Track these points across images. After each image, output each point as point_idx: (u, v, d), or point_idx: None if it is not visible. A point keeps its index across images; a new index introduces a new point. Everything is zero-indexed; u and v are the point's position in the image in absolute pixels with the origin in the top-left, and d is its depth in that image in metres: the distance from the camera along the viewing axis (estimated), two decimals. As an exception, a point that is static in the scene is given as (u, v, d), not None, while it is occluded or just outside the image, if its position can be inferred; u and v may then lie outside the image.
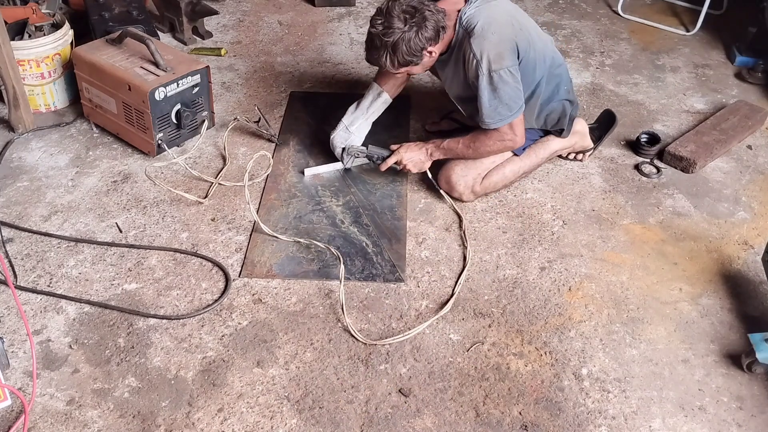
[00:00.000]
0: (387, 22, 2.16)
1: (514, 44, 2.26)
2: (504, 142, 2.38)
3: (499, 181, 2.51)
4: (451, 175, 2.46)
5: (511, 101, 2.28)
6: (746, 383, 1.94)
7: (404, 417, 1.82)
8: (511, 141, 2.39)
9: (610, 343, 2.04)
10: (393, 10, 2.16)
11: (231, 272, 2.21)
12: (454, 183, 2.46)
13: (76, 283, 2.16)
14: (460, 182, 2.45)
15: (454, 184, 2.46)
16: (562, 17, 3.86)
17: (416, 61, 2.24)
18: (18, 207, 2.44)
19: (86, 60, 2.70)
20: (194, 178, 2.58)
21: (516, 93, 2.27)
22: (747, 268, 2.31)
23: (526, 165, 2.56)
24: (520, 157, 2.54)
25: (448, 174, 2.48)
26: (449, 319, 2.08)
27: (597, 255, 2.33)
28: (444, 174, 2.49)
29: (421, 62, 2.27)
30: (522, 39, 2.29)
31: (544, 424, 1.82)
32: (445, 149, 2.45)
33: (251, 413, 1.82)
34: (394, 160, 2.48)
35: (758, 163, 2.79)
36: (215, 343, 2.00)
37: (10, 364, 1.89)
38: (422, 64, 2.30)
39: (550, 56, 2.43)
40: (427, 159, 2.49)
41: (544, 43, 2.42)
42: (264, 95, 3.10)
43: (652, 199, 2.58)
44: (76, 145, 2.75)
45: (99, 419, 1.79)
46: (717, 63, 3.48)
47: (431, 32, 2.20)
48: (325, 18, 3.78)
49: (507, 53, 2.24)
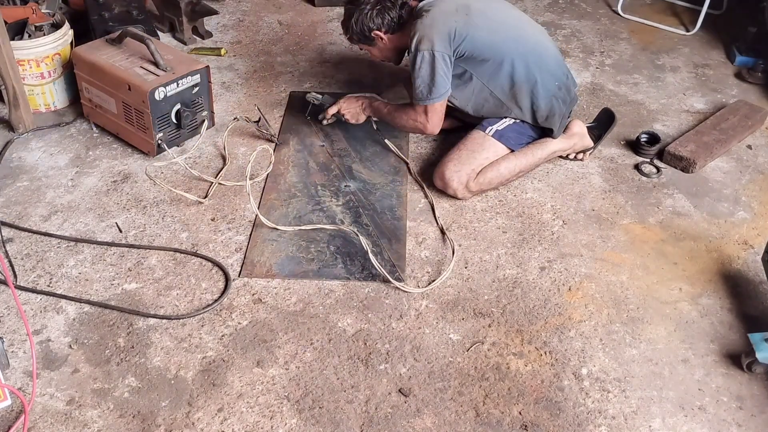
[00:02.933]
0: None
1: (450, 31, 2.37)
2: (416, 123, 2.53)
3: (494, 178, 2.51)
4: (444, 172, 2.48)
5: (431, 83, 2.40)
6: (746, 383, 1.94)
7: (404, 417, 1.82)
8: (422, 125, 2.52)
9: (610, 343, 2.04)
10: None
11: (231, 272, 2.21)
12: (448, 179, 2.47)
13: (76, 283, 2.16)
14: (454, 178, 2.47)
15: (448, 180, 2.48)
16: (562, 17, 3.86)
17: (368, 41, 2.54)
18: (18, 207, 2.44)
19: (86, 60, 2.70)
20: (194, 178, 2.58)
21: (439, 79, 2.40)
22: (747, 268, 2.31)
23: (522, 163, 2.56)
24: (515, 154, 2.55)
25: (441, 171, 2.50)
26: (449, 318, 2.08)
27: (597, 255, 2.33)
28: (438, 171, 2.52)
29: (375, 45, 2.56)
30: (468, 26, 2.39)
31: (544, 423, 1.82)
32: (373, 108, 2.67)
33: (251, 413, 1.82)
34: (335, 110, 2.71)
35: (758, 163, 2.79)
36: (215, 343, 2.00)
37: (10, 364, 1.89)
38: (378, 48, 2.58)
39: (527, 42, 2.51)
40: (362, 112, 2.69)
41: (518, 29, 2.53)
42: (264, 95, 3.10)
43: (652, 199, 2.58)
44: (76, 145, 2.75)
45: (99, 419, 1.79)
46: (717, 63, 3.48)
47: (385, 18, 2.47)
48: (325, 18, 3.78)
49: (437, 38, 2.36)
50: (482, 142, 2.53)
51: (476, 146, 2.52)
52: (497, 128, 2.54)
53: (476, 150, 2.51)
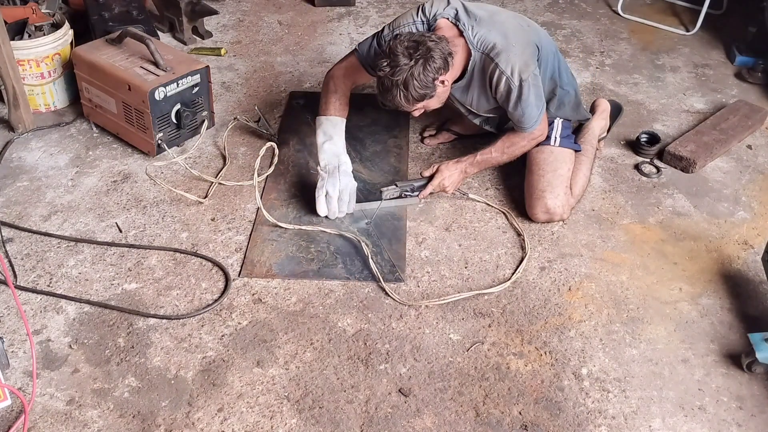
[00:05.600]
0: (393, 62, 2.13)
1: (534, 46, 2.32)
2: (536, 138, 2.43)
3: (581, 188, 2.50)
4: (547, 205, 2.38)
5: (539, 100, 2.34)
6: (746, 383, 1.94)
7: (404, 417, 1.82)
8: (541, 135, 2.43)
9: (609, 343, 2.04)
10: (396, 49, 2.14)
11: (231, 272, 2.21)
12: (553, 211, 2.38)
13: (76, 283, 2.16)
14: (557, 206, 2.38)
15: (553, 212, 2.39)
16: (562, 17, 3.86)
17: (430, 93, 2.20)
18: (18, 207, 2.44)
19: (86, 60, 2.70)
20: (194, 178, 2.58)
21: (540, 91, 2.34)
22: (747, 267, 2.31)
23: (589, 162, 2.57)
24: (580, 156, 2.53)
25: (544, 204, 2.38)
26: (449, 318, 2.08)
27: (597, 255, 2.33)
28: (538, 206, 2.39)
29: (435, 94, 2.23)
30: (535, 36, 2.37)
31: (544, 423, 1.82)
32: (480, 162, 2.44)
33: (251, 413, 1.82)
34: (437, 185, 2.41)
35: (758, 163, 2.79)
36: (215, 343, 2.00)
37: (10, 364, 1.89)
38: (437, 96, 2.26)
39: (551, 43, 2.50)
40: (463, 177, 2.47)
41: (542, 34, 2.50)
42: (264, 95, 3.10)
43: (652, 199, 2.58)
44: (76, 145, 2.75)
45: (99, 419, 1.79)
46: (717, 63, 3.48)
47: (439, 62, 2.16)
48: (325, 18, 3.78)
49: (530, 59, 2.29)
50: (557, 156, 2.45)
51: (556, 163, 2.43)
52: (557, 135, 2.49)
53: (558, 167, 2.43)
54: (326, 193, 2.34)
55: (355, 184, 2.39)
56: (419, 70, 2.13)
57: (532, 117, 2.34)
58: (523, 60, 2.26)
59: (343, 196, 2.35)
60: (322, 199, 2.35)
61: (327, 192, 2.34)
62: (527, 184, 2.46)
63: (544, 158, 2.45)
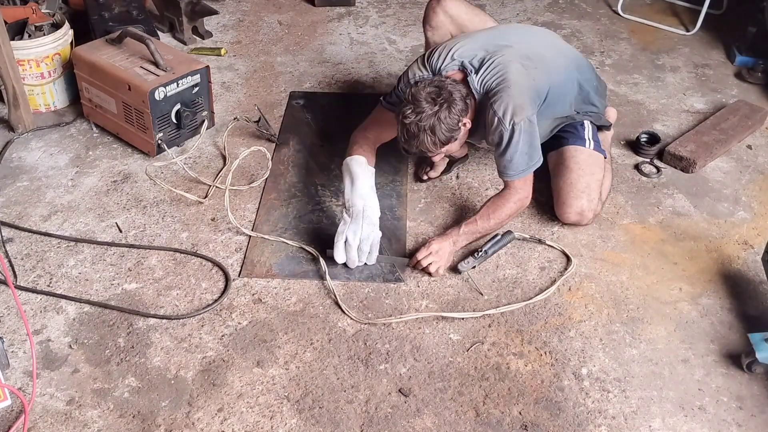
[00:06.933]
0: (418, 108, 2.11)
1: (534, 90, 2.24)
2: (520, 202, 2.27)
3: (606, 193, 2.48)
4: (583, 205, 2.35)
5: (532, 150, 2.22)
6: (746, 383, 1.94)
7: (404, 417, 1.82)
8: (526, 197, 2.28)
9: (609, 343, 2.04)
10: (419, 95, 2.12)
11: (231, 272, 2.21)
12: (585, 214, 2.36)
13: (76, 283, 2.16)
14: (590, 210, 2.36)
15: (585, 215, 2.36)
16: (562, 17, 3.86)
17: (455, 136, 2.18)
18: (18, 207, 2.44)
19: (86, 60, 2.70)
20: (193, 180, 2.58)
21: (536, 143, 2.23)
22: (747, 268, 2.31)
23: (610, 169, 2.55)
24: (607, 163, 2.50)
25: (580, 207, 2.35)
26: (449, 318, 2.08)
27: (597, 255, 2.33)
28: (572, 209, 2.36)
29: (458, 136, 2.20)
30: (539, 75, 2.27)
31: (544, 424, 1.82)
32: (467, 233, 2.25)
33: (251, 413, 1.82)
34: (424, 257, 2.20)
35: (758, 163, 2.79)
36: (215, 342, 2.00)
37: (10, 364, 1.89)
38: (459, 139, 2.22)
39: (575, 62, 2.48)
40: (453, 251, 2.26)
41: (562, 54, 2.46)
42: (264, 95, 3.10)
43: (652, 199, 2.58)
44: (76, 145, 2.75)
45: (99, 419, 1.79)
46: (717, 63, 3.48)
47: (461, 104, 2.15)
48: (325, 18, 3.78)
49: (527, 103, 2.20)
50: (595, 159, 2.42)
51: (594, 166, 2.40)
52: (589, 137, 2.45)
53: (595, 171, 2.39)
54: (345, 240, 2.19)
55: (379, 234, 2.21)
56: (445, 114, 2.12)
57: (519, 166, 2.21)
58: (518, 102, 2.17)
59: (363, 246, 2.18)
60: (340, 245, 2.18)
61: (347, 238, 2.18)
62: (563, 181, 2.39)
63: (584, 159, 2.39)
